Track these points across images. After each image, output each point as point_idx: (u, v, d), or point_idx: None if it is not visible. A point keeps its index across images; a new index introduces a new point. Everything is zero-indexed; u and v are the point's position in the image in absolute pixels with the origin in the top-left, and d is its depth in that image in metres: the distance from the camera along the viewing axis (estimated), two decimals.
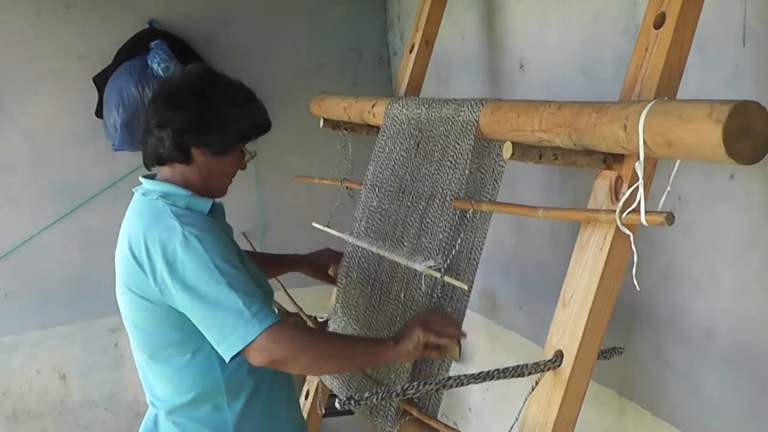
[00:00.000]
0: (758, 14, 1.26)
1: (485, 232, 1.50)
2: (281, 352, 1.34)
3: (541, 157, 1.19)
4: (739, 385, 1.42)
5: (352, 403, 1.15)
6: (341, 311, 1.86)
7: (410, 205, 1.67)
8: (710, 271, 1.45)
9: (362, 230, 1.80)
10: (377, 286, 1.73)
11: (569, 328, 1.23)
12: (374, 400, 1.16)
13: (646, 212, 1.09)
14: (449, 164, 1.55)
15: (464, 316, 1.53)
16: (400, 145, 1.74)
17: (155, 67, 2.53)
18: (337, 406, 1.17)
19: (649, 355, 1.64)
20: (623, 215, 1.13)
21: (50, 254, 2.77)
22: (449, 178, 1.54)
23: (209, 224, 1.44)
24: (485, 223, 1.50)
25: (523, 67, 2.03)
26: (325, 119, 2.19)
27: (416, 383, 1.18)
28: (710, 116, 0.92)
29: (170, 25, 2.74)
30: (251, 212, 2.95)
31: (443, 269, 1.49)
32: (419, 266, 1.53)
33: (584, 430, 1.32)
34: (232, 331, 1.33)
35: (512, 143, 1.18)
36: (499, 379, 1.21)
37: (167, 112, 1.47)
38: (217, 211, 1.55)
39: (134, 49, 2.63)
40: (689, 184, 1.45)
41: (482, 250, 1.51)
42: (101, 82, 2.64)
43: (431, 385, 1.19)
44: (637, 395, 1.71)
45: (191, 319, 1.39)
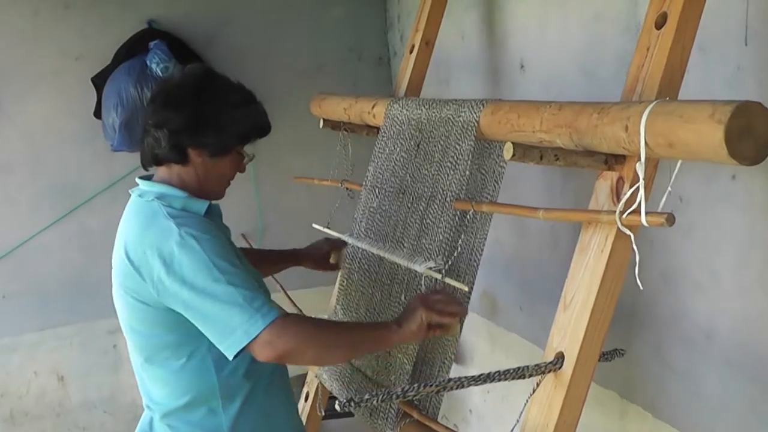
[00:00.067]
0: (760, 14, 1.26)
1: (486, 233, 1.49)
2: (287, 345, 1.32)
3: (541, 157, 1.19)
4: (740, 386, 1.41)
5: (352, 405, 1.14)
6: (342, 313, 1.85)
7: (410, 206, 1.66)
8: (711, 272, 1.45)
9: (362, 231, 1.80)
10: (377, 287, 1.72)
11: (570, 329, 1.22)
12: (374, 402, 1.15)
13: (646, 213, 1.09)
14: (450, 165, 1.54)
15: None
16: (400, 145, 1.74)
17: (154, 67, 2.52)
18: (337, 408, 1.16)
19: (650, 356, 1.64)
20: (624, 216, 1.13)
21: (49, 255, 2.76)
22: (450, 179, 1.54)
23: (206, 225, 1.43)
24: (486, 224, 1.49)
25: (523, 67, 2.03)
26: (325, 120, 2.19)
27: (416, 385, 1.18)
28: (712, 117, 0.91)
29: (169, 25, 2.73)
30: (250, 213, 2.94)
31: (444, 271, 1.49)
32: (419, 267, 1.52)
33: None
34: (235, 327, 1.31)
35: (513, 144, 1.18)
36: (499, 381, 1.20)
37: (164, 112, 1.46)
38: (213, 212, 1.53)
39: (133, 49, 2.63)
40: (691, 184, 1.44)
41: (483, 251, 1.50)
42: (100, 82, 2.64)
43: (431, 386, 1.19)
44: (638, 397, 1.71)
45: (191, 319, 1.36)
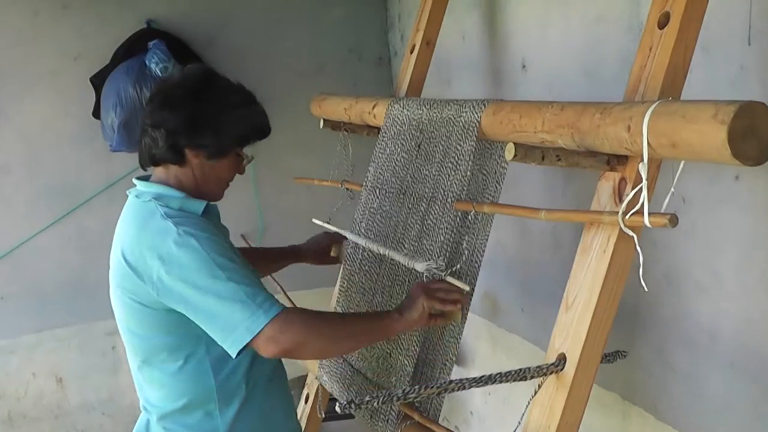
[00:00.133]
0: (764, 14, 1.25)
1: (487, 234, 1.49)
2: (291, 340, 1.31)
3: (543, 158, 1.18)
4: (743, 388, 1.41)
5: (352, 406, 1.13)
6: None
7: (411, 206, 1.65)
8: (714, 273, 1.44)
9: (363, 232, 1.79)
10: (378, 289, 1.72)
11: (572, 331, 1.22)
12: (375, 403, 1.15)
13: (649, 214, 1.08)
14: (451, 165, 1.54)
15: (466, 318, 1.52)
16: (401, 146, 1.73)
17: (153, 67, 2.51)
18: (337, 409, 1.16)
19: (652, 358, 1.63)
20: (626, 217, 1.12)
21: (47, 256, 2.75)
22: (451, 179, 1.53)
23: (204, 224, 1.42)
24: (487, 225, 1.49)
25: (525, 67, 2.02)
26: (325, 120, 2.18)
27: (417, 387, 1.17)
28: (715, 117, 0.91)
29: (168, 24, 2.72)
30: (250, 214, 2.93)
31: (444, 272, 1.48)
32: (421, 266, 1.51)
33: None
34: (237, 324, 1.29)
35: (515, 144, 1.17)
36: (501, 382, 1.20)
37: (162, 112, 1.45)
38: (210, 212, 1.52)
39: (132, 49, 2.62)
40: (694, 185, 1.44)
41: (484, 252, 1.49)
42: (98, 82, 2.63)
43: (432, 388, 1.18)
44: (640, 399, 1.70)
45: (192, 317, 1.35)
